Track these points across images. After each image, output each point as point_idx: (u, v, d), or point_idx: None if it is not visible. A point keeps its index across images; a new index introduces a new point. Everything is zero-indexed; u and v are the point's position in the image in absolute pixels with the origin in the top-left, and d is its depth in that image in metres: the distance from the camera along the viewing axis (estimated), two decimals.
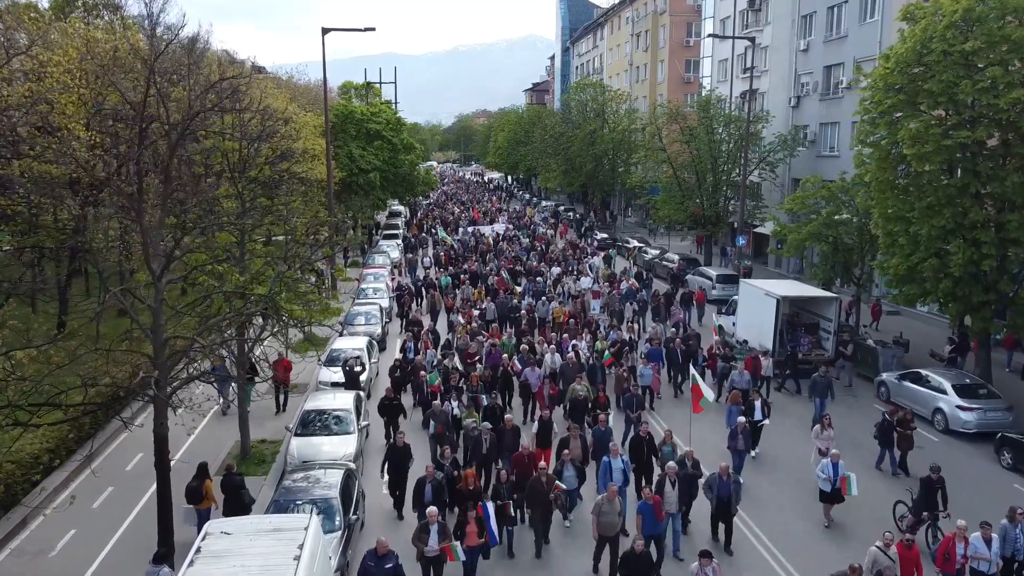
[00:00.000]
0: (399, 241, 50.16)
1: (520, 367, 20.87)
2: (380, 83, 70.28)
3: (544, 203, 77.08)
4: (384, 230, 55.98)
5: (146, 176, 12.92)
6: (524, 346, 22.71)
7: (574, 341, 23.40)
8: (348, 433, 17.08)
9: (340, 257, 43.84)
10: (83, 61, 21.34)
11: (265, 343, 16.41)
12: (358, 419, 17.67)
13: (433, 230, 53.60)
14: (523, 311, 28.12)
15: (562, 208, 70.93)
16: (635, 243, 48.63)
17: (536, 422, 17.20)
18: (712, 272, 36.02)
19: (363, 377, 20.80)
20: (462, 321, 26.72)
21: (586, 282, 34.04)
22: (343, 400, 18.09)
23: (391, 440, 17.13)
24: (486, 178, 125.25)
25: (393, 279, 35.62)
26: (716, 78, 51.31)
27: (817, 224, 25.96)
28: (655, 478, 14.60)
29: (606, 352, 22.45)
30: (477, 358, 22.32)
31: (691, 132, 41.47)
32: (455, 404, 17.71)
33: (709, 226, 41.14)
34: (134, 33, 27.38)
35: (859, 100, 22.55)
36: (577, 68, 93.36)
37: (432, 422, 16.73)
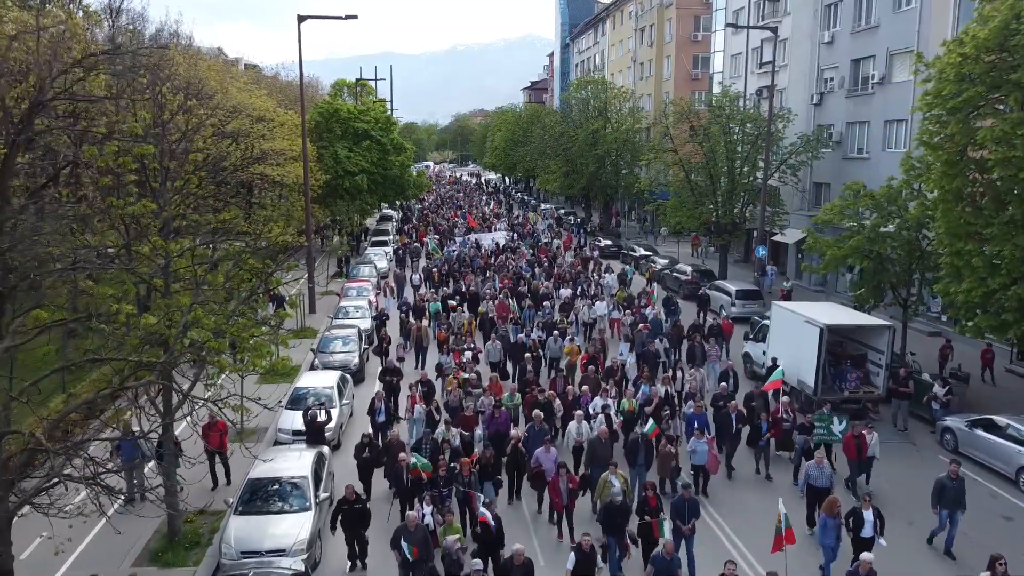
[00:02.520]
0: (388, 249, 46.44)
1: (525, 439, 15.69)
2: (376, 80, 66.85)
3: (543, 206, 73.61)
4: (372, 236, 52.38)
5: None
6: (536, 412, 16.59)
7: (598, 399, 18.01)
8: (304, 509, 13.60)
9: (325, 268, 40.27)
10: None
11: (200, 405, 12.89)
12: (317, 488, 14.19)
13: (424, 241, 49.05)
14: (528, 352, 22.46)
15: (562, 211, 67.42)
16: (641, 251, 45.10)
17: (571, 556, 11.72)
18: (731, 287, 32.51)
19: (330, 424, 17.31)
20: (452, 363, 21.17)
21: (602, 308, 28.46)
22: (300, 464, 14.59)
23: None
24: (483, 179, 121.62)
25: (378, 294, 31.86)
26: (728, 74, 47.84)
27: (861, 238, 22.47)
28: None
29: (648, 422, 16.35)
30: (473, 426, 17.09)
31: (705, 132, 37.98)
32: (427, 511, 12.98)
33: (724, 234, 37.63)
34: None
35: (921, 95, 19.07)
36: (577, 66, 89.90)
37: (404, 543, 11.84)
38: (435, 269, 37.28)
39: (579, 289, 32.07)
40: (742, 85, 43.74)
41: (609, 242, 49.73)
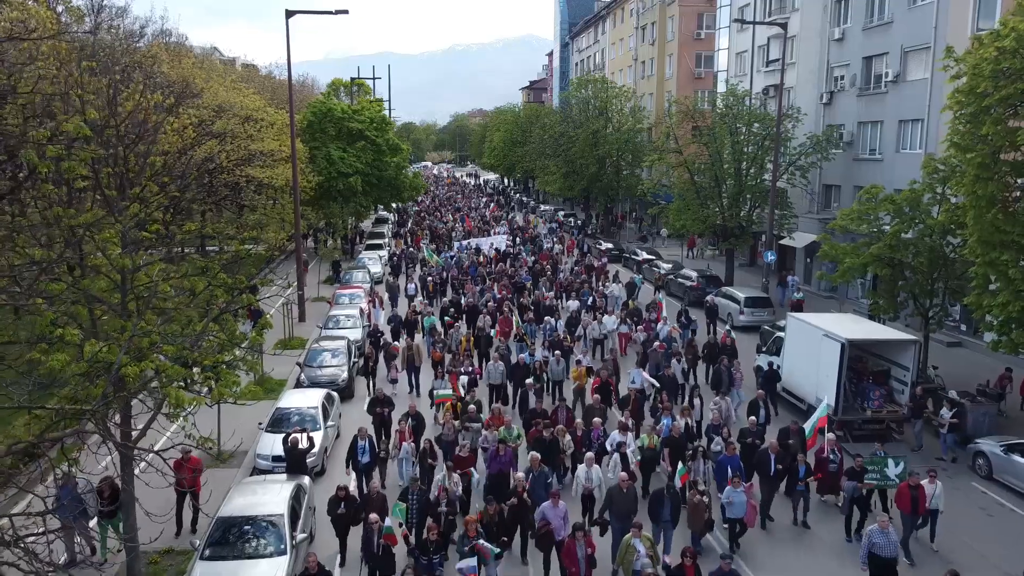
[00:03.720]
0: (383, 253, 44.97)
1: (529, 488, 13.24)
2: (374, 79, 65.46)
3: (543, 207, 72.24)
4: (367, 239, 50.91)
5: None
6: (533, 455, 14.20)
7: (615, 433, 15.66)
8: (279, 553, 12.20)
9: (317, 272, 38.88)
10: None
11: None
12: (294, 528, 12.80)
13: (420, 245, 46.58)
14: (532, 374, 20.25)
15: (562, 213, 66.02)
16: (644, 255, 43.69)
17: None
18: (739, 294, 31.13)
19: (313, 451, 15.92)
20: (448, 388, 18.65)
21: (611, 323, 25.87)
22: (275, 499, 13.16)
23: None
24: (481, 180, 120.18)
25: (370, 301, 30.42)
26: (733, 72, 46.48)
27: (882, 245, 21.09)
28: None
29: (676, 466, 14.23)
30: (470, 467, 14.73)
31: (711, 132, 36.61)
32: None
33: (731, 238, 36.24)
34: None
35: (951, 92, 17.70)
36: (577, 65, 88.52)
37: None
38: (431, 278, 34.91)
39: (589, 300, 29.46)
40: (748, 84, 42.46)
41: (610, 245, 48.35)
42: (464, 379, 19.40)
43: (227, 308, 12.03)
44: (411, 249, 44.74)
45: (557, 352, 21.56)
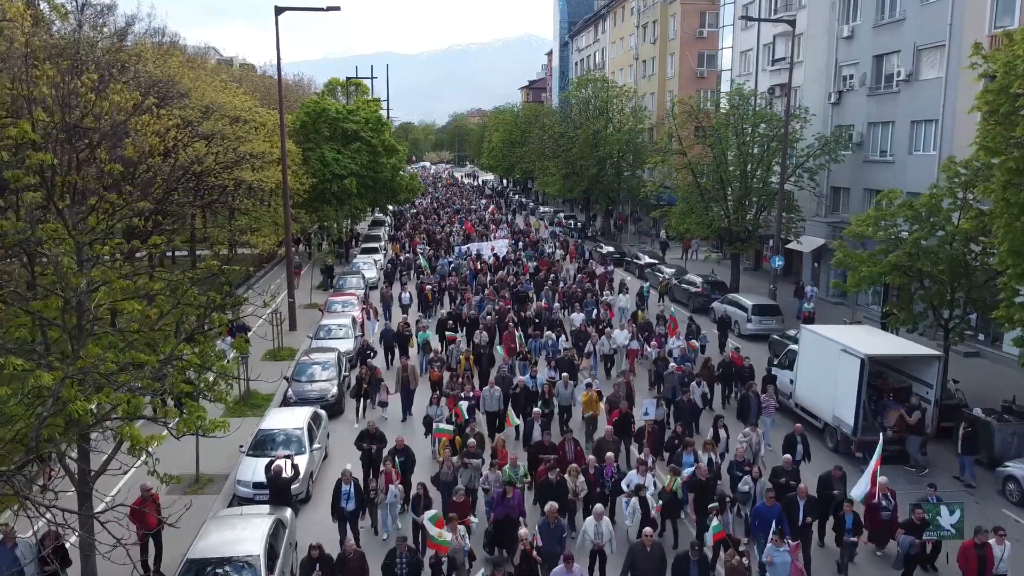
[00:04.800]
0: (379, 257, 43.76)
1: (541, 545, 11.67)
2: (372, 79, 64.32)
3: (542, 209, 71.12)
4: (363, 242, 49.71)
5: None
6: (551, 506, 12.34)
7: (633, 474, 13.79)
8: None
9: (310, 277, 37.73)
10: None
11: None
12: (272, 570, 11.64)
13: (417, 249, 44.66)
14: (538, 400, 18.28)
15: (562, 215, 64.85)
16: (647, 259, 42.56)
17: None
18: (746, 301, 30.00)
19: (298, 477, 14.79)
20: (448, 428, 16.41)
21: (622, 337, 23.74)
22: (252, 536, 11.99)
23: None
24: (480, 180, 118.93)
25: (364, 309, 29.26)
26: (737, 72, 45.37)
27: (901, 253, 19.97)
28: None
29: (711, 521, 12.40)
30: (469, 516, 13.11)
31: (716, 132, 35.48)
32: None
33: (737, 243, 35.11)
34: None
35: (981, 91, 16.60)
36: (577, 64, 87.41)
37: None
38: (428, 286, 32.37)
39: (595, 313, 27.36)
40: (752, 83, 41.35)
41: (611, 248, 47.20)
42: (464, 404, 17.33)
43: (197, 330, 10.89)
44: (407, 255, 42.98)
45: (565, 374, 19.37)
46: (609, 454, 14.62)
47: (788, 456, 14.96)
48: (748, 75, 43.33)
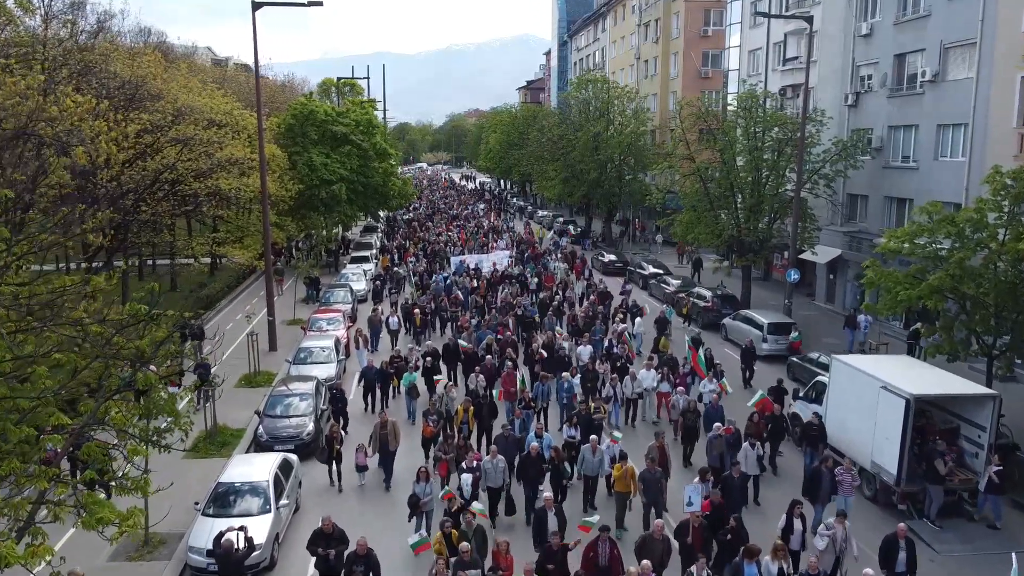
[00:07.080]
0: (369, 267, 41.51)
1: None
2: (368, 79, 62.23)
3: (540, 213, 68.96)
4: (353, 250, 47.48)
5: None
6: None
7: None
8: None
9: (293, 291, 35.51)
10: None
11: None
12: None
13: (409, 262, 41.86)
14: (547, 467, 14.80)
15: (561, 219, 62.66)
16: (651, 268, 40.40)
17: None
18: (761, 318, 27.86)
19: (255, 552, 12.58)
20: (423, 539, 12.67)
21: (649, 379, 19.84)
22: None
23: None
24: (478, 182, 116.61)
25: (349, 328, 27.00)
26: (746, 71, 43.28)
27: (943, 275, 17.84)
28: None
29: None
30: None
31: (724, 135, 33.33)
32: None
33: (749, 253, 32.94)
34: None
35: None
36: (575, 64, 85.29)
37: None
38: (416, 310, 28.28)
39: (606, 345, 23.35)
40: (762, 84, 39.24)
41: (614, 257, 45.04)
42: (466, 477, 13.79)
43: (113, 394, 8.75)
44: (396, 269, 39.58)
45: (594, 437, 15.21)
46: (646, 563, 10.83)
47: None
48: (757, 75, 41.24)
